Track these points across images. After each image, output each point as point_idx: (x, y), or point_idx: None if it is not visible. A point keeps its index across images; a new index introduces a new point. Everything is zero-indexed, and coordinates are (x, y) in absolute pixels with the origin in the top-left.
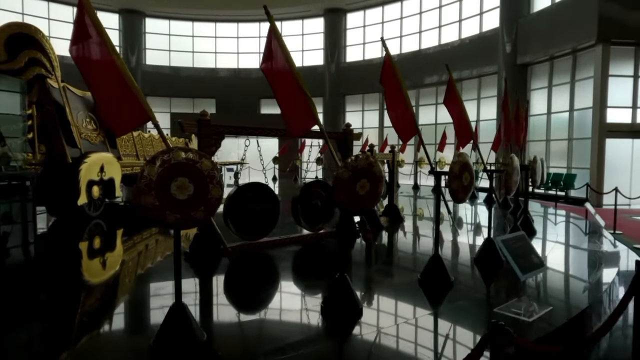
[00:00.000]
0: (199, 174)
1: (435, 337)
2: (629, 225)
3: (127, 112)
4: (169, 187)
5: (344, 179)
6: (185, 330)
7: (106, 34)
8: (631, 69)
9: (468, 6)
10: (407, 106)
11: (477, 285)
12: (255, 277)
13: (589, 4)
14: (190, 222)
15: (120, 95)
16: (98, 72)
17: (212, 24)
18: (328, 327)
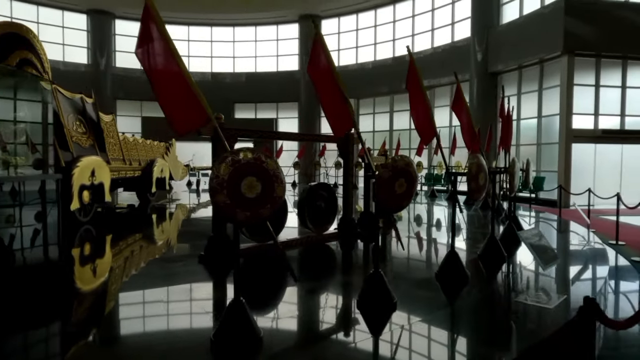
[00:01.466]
0: (265, 174)
1: (473, 324)
2: (599, 223)
3: (188, 112)
4: (239, 186)
5: (385, 179)
6: (245, 326)
7: (169, 37)
8: (593, 78)
9: (440, 16)
10: (428, 109)
11: (487, 279)
12: (279, 276)
13: (554, 18)
14: (258, 219)
15: (182, 96)
16: (161, 74)
17: (185, 27)
18: (366, 319)
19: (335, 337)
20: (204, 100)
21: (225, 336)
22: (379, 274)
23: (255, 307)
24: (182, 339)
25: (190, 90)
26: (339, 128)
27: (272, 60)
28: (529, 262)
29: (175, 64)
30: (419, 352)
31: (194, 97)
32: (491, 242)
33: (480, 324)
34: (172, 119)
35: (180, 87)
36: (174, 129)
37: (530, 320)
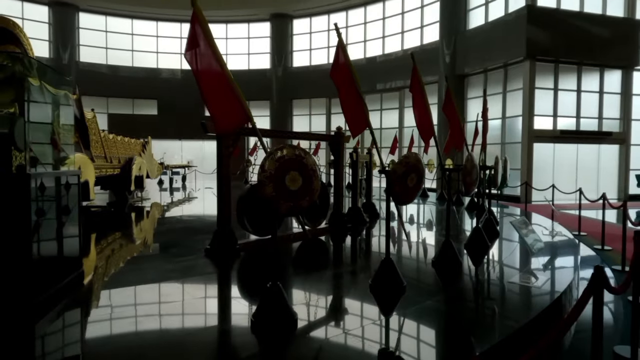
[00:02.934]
0: (305, 168)
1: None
2: (562, 217)
3: (230, 111)
4: (283, 180)
5: (400, 174)
6: (282, 307)
7: (214, 42)
8: (552, 82)
9: (410, 19)
10: (427, 109)
11: (474, 263)
12: (285, 266)
13: (518, 25)
14: (299, 210)
15: (225, 96)
16: (207, 75)
17: (154, 23)
18: (377, 302)
19: (354, 317)
20: (244, 101)
21: (263, 317)
22: (390, 260)
23: None
24: (226, 320)
25: (232, 91)
26: (356, 129)
27: (244, 58)
28: (509, 250)
29: (219, 66)
30: (428, 329)
31: (235, 97)
32: (476, 232)
33: (481, 303)
34: (215, 118)
35: (224, 88)
36: (217, 126)
37: (526, 297)
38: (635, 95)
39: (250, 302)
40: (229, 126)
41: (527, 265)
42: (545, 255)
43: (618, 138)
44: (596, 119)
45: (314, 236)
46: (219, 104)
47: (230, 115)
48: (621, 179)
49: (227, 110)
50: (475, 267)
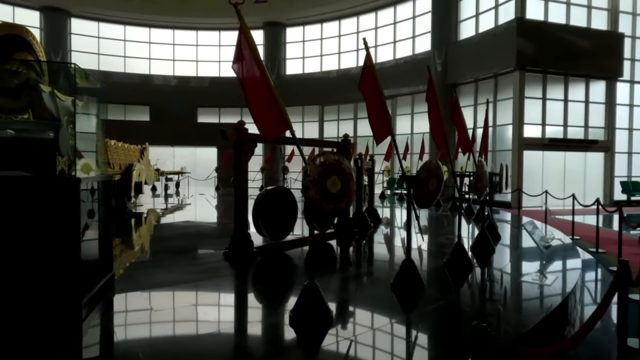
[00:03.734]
0: (343, 173)
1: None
2: (554, 221)
3: (272, 119)
4: (325, 184)
5: (422, 178)
6: (319, 304)
7: (258, 53)
8: (540, 92)
9: (402, 29)
10: (441, 118)
11: (480, 265)
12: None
13: (508, 37)
14: (339, 211)
15: (268, 105)
16: (251, 85)
17: (146, 29)
18: (400, 299)
19: (380, 314)
20: (284, 110)
21: (302, 312)
22: (411, 260)
23: None
24: (265, 314)
25: (274, 101)
26: (380, 136)
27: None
28: (510, 254)
29: (262, 76)
30: (448, 324)
31: (276, 106)
32: (482, 236)
33: (496, 301)
34: (259, 125)
35: (267, 98)
36: (261, 133)
37: (537, 294)
38: (619, 105)
39: (280, 299)
40: (271, 133)
41: (533, 265)
42: (546, 257)
43: (603, 146)
44: (582, 128)
45: (322, 240)
46: (262, 113)
47: (272, 123)
48: (606, 185)
49: (269, 118)
50: (482, 268)
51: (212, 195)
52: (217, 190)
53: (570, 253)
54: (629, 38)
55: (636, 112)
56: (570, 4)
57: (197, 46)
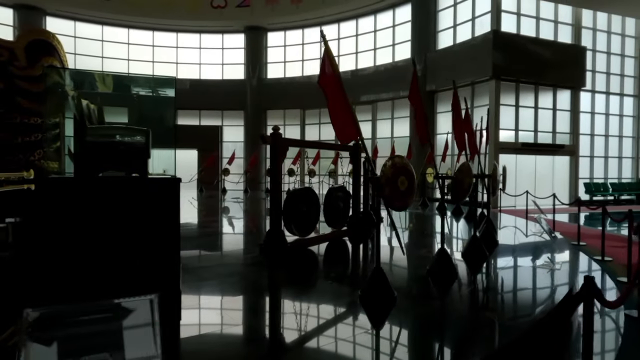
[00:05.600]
0: (409, 173)
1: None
2: (534, 219)
3: (347, 127)
4: (396, 182)
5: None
6: (385, 286)
7: (339, 73)
8: (513, 99)
9: (382, 37)
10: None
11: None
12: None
13: (484, 48)
14: (405, 207)
15: (345, 116)
16: (333, 97)
17: (125, 30)
18: (436, 285)
19: (421, 297)
20: (356, 119)
21: (370, 293)
22: (445, 250)
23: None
24: (336, 295)
25: (349, 112)
26: (345, 136)
27: (218, 69)
28: (512, 246)
29: (342, 94)
30: (479, 307)
31: (350, 116)
32: (488, 229)
33: (520, 283)
34: (337, 132)
35: (344, 109)
36: (339, 139)
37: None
38: (582, 113)
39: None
40: (346, 139)
41: (538, 254)
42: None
43: (569, 150)
44: (551, 133)
45: (337, 237)
46: (340, 121)
47: (347, 130)
48: (572, 186)
49: (344, 126)
50: (498, 257)
51: (193, 198)
52: (201, 193)
53: (555, 246)
54: (590, 51)
55: (597, 119)
56: (539, 19)
57: (177, 48)
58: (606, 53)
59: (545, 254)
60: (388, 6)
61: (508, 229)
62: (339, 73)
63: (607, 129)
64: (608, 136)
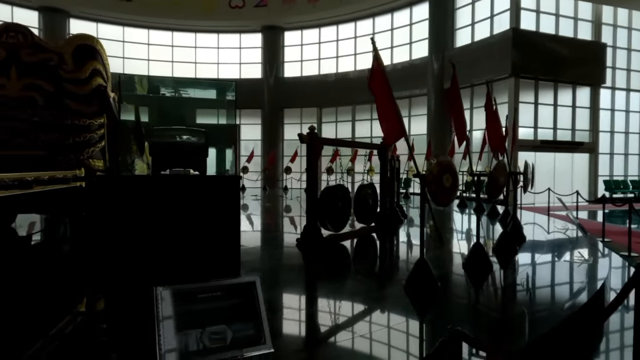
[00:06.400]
0: (453, 171)
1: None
2: (556, 216)
3: (394, 127)
4: (441, 179)
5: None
6: (428, 276)
7: (387, 77)
8: (532, 97)
9: (399, 35)
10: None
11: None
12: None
13: (503, 46)
14: (449, 202)
15: (391, 116)
16: (381, 101)
17: (145, 30)
18: (470, 277)
19: (455, 287)
20: (402, 120)
21: (413, 283)
22: (480, 245)
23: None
24: (379, 285)
25: (396, 114)
26: (392, 136)
27: (235, 68)
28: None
29: (390, 96)
30: (508, 299)
31: (397, 117)
32: (514, 226)
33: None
34: (385, 131)
35: (391, 110)
36: (386, 138)
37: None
38: (602, 110)
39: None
40: (393, 139)
41: (570, 249)
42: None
43: (588, 147)
44: (570, 130)
45: (366, 233)
46: (388, 121)
47: (394, 130)
48: (591, 183)
49: (392, 126)
50: (529, 251)
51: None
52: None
53: (582, 240)
54: (610, 48)
55: (617, 116)
56: (559, 16)
57: (196, 48)
58: (627, 49)
59: (573, 249)
60: (405, 4)
61: (532, 225)
62: (387, 77)
63: (627, 126)
64: (628, 133)
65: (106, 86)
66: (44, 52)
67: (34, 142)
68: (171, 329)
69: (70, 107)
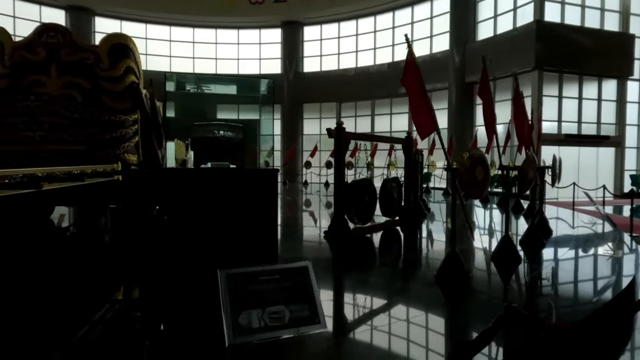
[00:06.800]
0: (485, 164)
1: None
2: (583, 210)
3: (426, 121)
4: (474, 172)
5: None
6: (459, 267)
7: (420, 73)
8: (556, 90)
9: (420, 29)
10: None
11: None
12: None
13: (527, 38)
14: (481, 195)
15: (424, 111)
16: (414, 97)
17: (167, 27)
18: (499, 269)
19: (485, 278)
20: (434, 115)
21: (445, 273)
22: (509, 237)
23: None
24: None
25: (428, 108)
26: (424, 131)
27: (255, 63)
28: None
29: (423, 92)
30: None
31: (429, 112)
32: (541, 220)
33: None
34: (418, 127)
35: (424, 105)
36: (419, 133)
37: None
38: (629, 103)
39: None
40: (426, 134)
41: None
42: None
43: (614, 141)
44: (595, 124)
45: (391, 226)
46: (421, 116)
47: (426, 125)
48: (617, 178)
49: (424, 121)
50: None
51: None
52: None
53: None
54: (638, 39)
55: None
56: (585, 7)
57: (217, 44)
58: None
59: (602, 242)
60: None
61: (558, 219)
62: (421, 74)
63: None
64: None
65: (139, 83)
66: (82, 51)
67: (75, 137)
68: (236, 308)
69: (106, 104)
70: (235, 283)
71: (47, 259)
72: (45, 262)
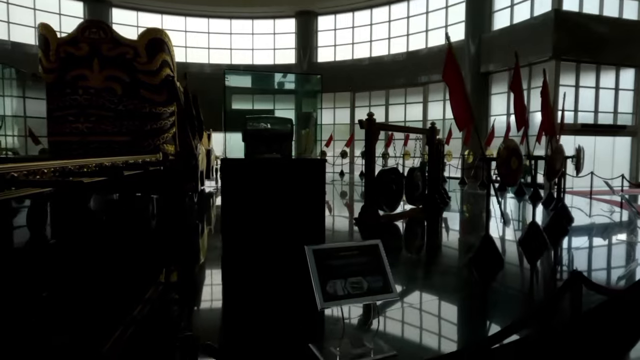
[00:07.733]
0: (518, 154)
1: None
2: (602, 199)
3: (464, 114)
4: (509, 162)
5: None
6: (494, 251)
7: (459, 68)
8: (573, 80)
9: (434, 18)
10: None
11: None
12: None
13: (545, 28)
14: (515, 182)
15: (462, 104)
16: (454, 91)
17: (182, 18)
18: (526, 254)
19: (517, 261)
20: (472, 109)
21: (480, 258)
22: (536, 224)
23: None
24: (449, 261)
25: (467, 102)
26: (462, 123)
27: (270, 53)
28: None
29: (462, 86)
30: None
31: (468, 106)
32: (562, 208)
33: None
34: (456, 118)
35: (462, 99)
36: (458, 125)
37: None
38: None
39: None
40: (463, 125)
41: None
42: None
43: (631, 131)
44: (612, 114)
45: (416, 214)
46: (459, 110)
47: (464, 117)
48: (633, 168)
49: (462, 114)
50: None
51: None
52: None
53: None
54: None
55: None
56: None
57: (231, 34)
58: None
59: (623, 229)
60: None
61: (577, 208)
62: (460, 70)
63: None
64: None
65: (174, 76)
66: (122, 46)
67: (119, 129)
68: (323, 278)
69: (145, 97)
70: (320, 257)
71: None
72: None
